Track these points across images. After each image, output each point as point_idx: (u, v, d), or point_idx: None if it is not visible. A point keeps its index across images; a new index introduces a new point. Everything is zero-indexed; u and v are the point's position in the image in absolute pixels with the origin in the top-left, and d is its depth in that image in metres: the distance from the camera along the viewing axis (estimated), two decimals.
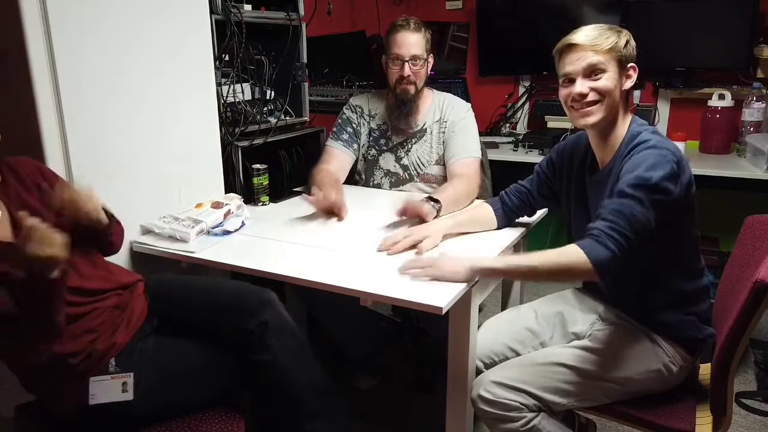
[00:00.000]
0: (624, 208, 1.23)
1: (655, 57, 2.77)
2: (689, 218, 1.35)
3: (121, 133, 1.59)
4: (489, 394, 1.33)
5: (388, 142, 2.12)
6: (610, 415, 1.38)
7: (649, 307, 1.39)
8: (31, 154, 1.38)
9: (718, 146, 2.48)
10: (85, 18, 1.46)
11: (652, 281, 1.38)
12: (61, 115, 1.43)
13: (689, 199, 1.32)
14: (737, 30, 2.56)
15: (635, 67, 1.37)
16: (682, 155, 1.30)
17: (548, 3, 2.91)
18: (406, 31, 1.97)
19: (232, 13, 1.95)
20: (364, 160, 2.17)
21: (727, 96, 2.54)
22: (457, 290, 1.29)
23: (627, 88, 1.37)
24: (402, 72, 1.98)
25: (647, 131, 1.34)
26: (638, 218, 1.21)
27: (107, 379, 1.26)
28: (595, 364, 1.36)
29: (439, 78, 3.05)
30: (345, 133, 2.13)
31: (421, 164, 2.09)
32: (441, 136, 2.07)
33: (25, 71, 1.37)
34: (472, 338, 1.42)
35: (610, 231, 1.22)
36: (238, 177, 2.02)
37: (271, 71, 2.18)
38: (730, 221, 2.85)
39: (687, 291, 1.38)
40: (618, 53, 1.33)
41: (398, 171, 2.11)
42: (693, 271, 1.40)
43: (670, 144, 1.30)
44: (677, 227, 1.33)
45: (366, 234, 1.67)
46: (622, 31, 1.36)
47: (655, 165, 1.24)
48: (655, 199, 1.23)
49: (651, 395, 1.37)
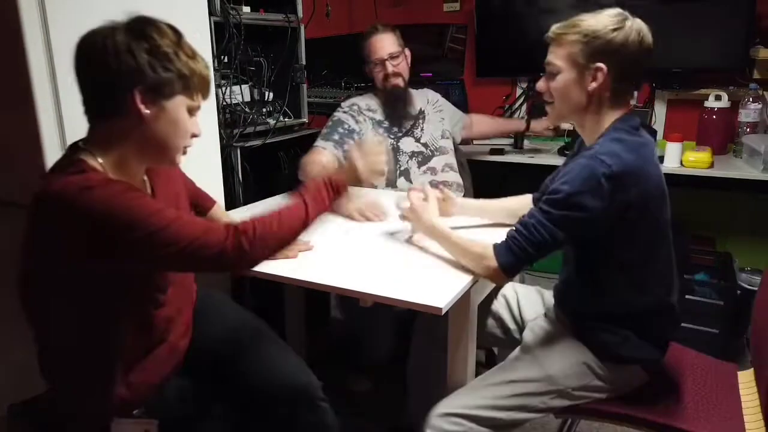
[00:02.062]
0: (530, 220, 1.26)
1: (652, 58, 2.78)
2: (635, 237, 1.27)
3: None
4: (434, 430, 1.30)
5: (401, 128, 2.22)
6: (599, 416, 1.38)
7: (583, 313, 1.38)
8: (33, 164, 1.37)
9: (715, 147, 2.49)
10: (83, 20, 1.46)
11: (591, 288, 1.36)
12: (61, 120, 1.43)
13: (629, 217, 1.22)
14: (734, 31, 2.57)
15: (600, 68, 1.23)
16: (630, 170, 1.19)
17: (545, 5, 2.92)
18: (377, 34, 2.14)
19: (231, 14, 1.96)
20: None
21: (723, 97, 2.55)
22: (456, 290, 1.30)
23: (592, 89, 1.26)
24: (385, 71, 2.13)
25: (610, 138, 1.25)
26: (539, 232, 1.24)
27: (131, 423, 1.16)
28: (529, 369, 1.35)
29: (437, 80, 3.05)
30: (335, 133, 2.12)
31: (435, 138, 2.26)
32: (439, 114, 2.31)
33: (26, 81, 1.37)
34: (471, 338, 1.42)
35: (514, 240, 1.27)
36: (237, 178, 2.02)
37: (270, 73, 2.19)
38: (727, 222, 2.89)
39: (632, 307, 1.33)
40: (574, 52, 1.24)
41: (421, 149, 2.22)
42: (645, 288, 1.33)
43: (620, 157, 1.19)
44: (615, 244, 1.28)
45: (366, 234, 1.68)
46: (598, 20, 1.23)
47: (574, 178, 1.21)
48: (564, 215, 1.22)
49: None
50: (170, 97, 1.08)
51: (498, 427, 1.32)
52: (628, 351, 1.32)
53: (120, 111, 1.06)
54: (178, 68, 1.07)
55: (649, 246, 1.30)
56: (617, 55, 1.23)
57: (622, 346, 1.32)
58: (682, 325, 2.32)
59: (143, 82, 1.05)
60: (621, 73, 1.26)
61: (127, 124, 1.08)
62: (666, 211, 1.32)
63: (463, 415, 1.31)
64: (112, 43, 1.04)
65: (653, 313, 1.35)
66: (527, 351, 1.40)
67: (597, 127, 1.31)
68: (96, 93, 1.08)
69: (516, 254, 1.27)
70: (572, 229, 1.24)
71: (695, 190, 2.57)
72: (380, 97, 2.22)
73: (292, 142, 2.29)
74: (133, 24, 1.07)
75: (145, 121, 1.07)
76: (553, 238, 1.24)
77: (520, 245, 1.26)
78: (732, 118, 2.61)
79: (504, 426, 1.32)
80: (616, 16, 1.25)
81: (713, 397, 1.40)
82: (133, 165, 1.14)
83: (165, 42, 1.07)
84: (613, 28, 1.23)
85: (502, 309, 1.64)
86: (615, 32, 1.23)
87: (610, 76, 1.25)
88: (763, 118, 2.56)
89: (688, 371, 1.50)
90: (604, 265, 1.32)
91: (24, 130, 1.42)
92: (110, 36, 1.05)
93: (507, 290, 1.67)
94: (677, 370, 1.49)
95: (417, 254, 1.52)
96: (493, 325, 1.64)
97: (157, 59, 1.05)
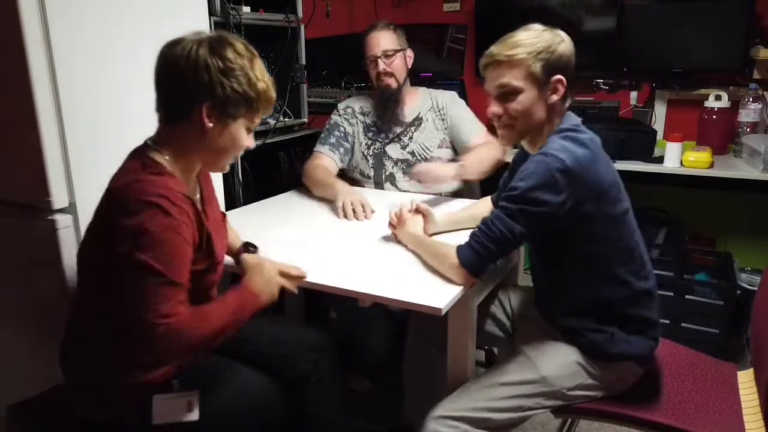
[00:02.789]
0: (492, 218, 1.29)
1: (652, 58, 2.78)
2: (594, 229, 1.29)
3: (121, 137, 1.58)
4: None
5: (389, 134, 2.16)
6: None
7: (556, 311, 1.40)
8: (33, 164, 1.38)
9: (715, 147, 2.49)
10: (84, 22, 1.46)
11: (559, 285, 1.38)
12: (61, 120, 1.44)
13: (585, 213, 1.26)
14: (734, 31, 2.57)
15: (560, 80, 1.30)
16: (582, 164, 1.23)
17: (545, 5, 2.92)
18: (374, 31, 2.08)
19: (231, 14, 1.96)
20: (369, 156, 2.17)
21: (723, 97, 2.55)
22: (456, 291, 1.30)
23: (553, 101, 1.32)
24: (377, 68, 2.06)
25: (560, 137, 1.29)
26: (499, 229, 1.26)
27: (173, 398, 1.20)
28: (522, 370, 1.35)
29: (437, 79, 3.06)
30: (332, 137, 2.14)
31: (426, 148, 2.14)
32: (442, 123, 2.15)
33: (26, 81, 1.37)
34: (471, 339, 1.42)
35: (474, 238, 1.30)
36: (237, 178, 2.02)
37: (270, 73, 2.18)
38: (727, 222, 2.89)
39: (607, 299, 1.34)
40: (534, 70, 1.28)
41: (407, 157, 2.15)
42: (616, 278, 1.33)
43: (572, 152, 1.24)
44: (576, 238, 1.30)
45: (365, 235, 1.68)
46: (541, 36, 1.30)
47: (530, 175, 1.25)
48: (521, 209, 1.25)
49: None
50: (234, 118, 1.19)
51: (494, 428, 1.32)
52: (617, 347, 1.33)
53: (187, 119, 1.17)
54: (245, 90, 1.17)
55: (610, 236, 1.32)
56: (569, 65, 1.32)
57: (609, 343, 1.33)
58: (682, 325, 2.34)
59: (212, 99, 1.15)
60: (570, 80, 1.33)
61: (191, 131, 1.18)
62: (623, 199, 1.34)
63: (459, 417, 1.31)
64: (195, 56, 1.13)
65: (630, 302, 1.35)
66: (520, 352, 1.40)
67: (542, 137, 1.35)
68: (169, 98, 1.19)
69: (476, 251, 1.29)
70: (531, 224, 1.26)
71: (695, 190, 2.57)
72: (374, 97, 2.20)
73: (292, 142, 2.29)
74: (214, 41, 1.16)
75: (207, 133, 1.18)
76: (511, 232, 1.26)
77: (479, 241, 1.29)
78: (732, 118, 2.61)
79: (500, 428, 1.33)
80: (549, 30, 1.33)
81: (713, 397, 1.40)
82: (191, 165, 1.25)
83: (238, 64, 1.16)
84: (558, 41, 1.31)
85: (497, 310, 1.65)
86: (560, 44, 1.31)
87: (566, 85, 1.32)
88: (763, 118, 2.56)
89: (687, 371, 1.50)
90: (569, 260, 1.34)
91: (24, 130, 1.42)
92: (193, 49, 1.14)
93: (502, 291, 1.68)
94: (677, 370, 1.49)
95: (417, 255, 1.52)
96: (491, 325, 1.65)
97: (228, 79, 1.15)
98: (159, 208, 1.09)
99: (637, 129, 2.59)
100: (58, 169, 1.45)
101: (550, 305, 1.45)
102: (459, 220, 1.71)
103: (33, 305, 1.60)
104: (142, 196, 1.10)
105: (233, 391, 1.29)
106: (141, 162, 1.18)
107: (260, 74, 1.20)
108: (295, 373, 1.39)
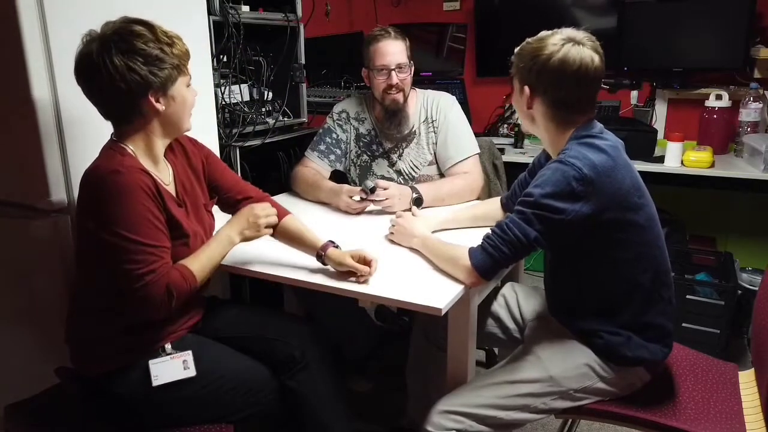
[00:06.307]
0: (507, 222, 1.29)
1: (653, 58, 2.78)
2: (623, 237, 1.28)
3: None
4: (434, 427, 1.31)
5: (380, 147, 2.10)
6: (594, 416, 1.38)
7: (573, 312, 1.39)
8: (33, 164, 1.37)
9: (716, 146, 2.49)
10: (83, 22, 1.46)
11: (579, 288, 1.37)
12: (60, 120, 1.43)
13: (606, 220, 1.24)
14: (734, 30, 2.57)
15: (530, 87, 1.35)
16: (601, 171, 1.22)
17: (545, 4, 2.92)
18: (388, 39, 1.94)
19: (230, 14, 1.95)
20: (356, 166, 2.15)
21: (724, 96, 2.55)
22: (456, 291, 1.29)
23: (530, 109, 1.37)
24: (390, 81, 1.94)
25: (578, 143, 1.29)
26: (514, 233, 1.26)
27: (167, 360, 1.27)
28: (531, 369, 1.35)
29: (437, 79, 3.05)
30: (323, 143, 2.10)
31: (415, 167, 2.07)
32: (431, 137, 2.05)
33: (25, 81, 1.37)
34: (471, 339, 1.42)
35: (490, 241, 1.30)
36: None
37: (269, 72, 2.18)
38: (727, 221, 2.88)
39: (627, 308, 1.33)
40: (516, 73, 1.39)
41: (392, 176, 2.09)
42: (639, 290, 1.32)
43: (590, 159, 1.23)
44: (605, 244, 1.29)
45: (365, 235, 1.67)
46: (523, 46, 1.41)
47: (546, 181, 1.24)
48: (537, 214, 1.24)
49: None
50: (173, 84, 1.26)
51: (498, 426, 1.32)
52: (633, 351, 1.32)
53: (139, 113, 1.25)
54: (170, 62, 1.24)
55: (636, 242, 1.30)
56: (548, 75, 1.35)
57: (625, 347, 1.32)
58: (683, 325, 2.34)
59: (152, 87, 1.23)
60: (553, 90, 1.36)
61: (146, 119, 1.27)
62: (646, 204, 1.32)
63: (464, 413, 1.31)
64: (112, 66, 1.18)
65: (651, 310, 1.34)
66: (529, 351, 1.39)
67: (559, 141, 1.36)
68: (113, 108, 1.26)
69: (490, 254, 1.29)
70: (547, 230, 1.24)
71: (696, 189, 2.57)
72: (374, 106, 2.09)
73: (292, 141, 2.29)
74: (118, 41, 1.20)
75: (160, 113, 1.27)
76: (526, 237, 1.25)
77: (493, 245, 1.29)
78: (733, 118, 2.60)
79: (504, 425, 1.33)
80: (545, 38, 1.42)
81: (714, 398, 1.39)
82: (157, 146, 1.32)
83: (150, 46, 1.21)
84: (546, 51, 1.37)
85: (501, 309, 1.64)
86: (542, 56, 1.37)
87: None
88: (764, 117, 2.56)
89: (688, 371, 1.49)
90: (592, 264, 1.32)
91: (23, 131, 1.42)
92: (106, 58, 1.18)
93: (506, 290, 1.67)
94: (678, 370, 1.49)
95: (417, 255, 1.52)
96: (492, 326, 1.64)
97: (154, 65, 1.21)
98: (114, 180, 1.18)
99: (638, 128, 2.59)
100: (57, 169, 1.45)
101: (566, 306, 1.43)
102: (461, 218, 1.69)
103: (32, 305, 1.60)
104: (99, 172, 1.20)
105: (223, 362, 1.35)
106: (108, 149, 1.28)
107: (169, 38, 1.25)
108: (281, 356, 1.40)
